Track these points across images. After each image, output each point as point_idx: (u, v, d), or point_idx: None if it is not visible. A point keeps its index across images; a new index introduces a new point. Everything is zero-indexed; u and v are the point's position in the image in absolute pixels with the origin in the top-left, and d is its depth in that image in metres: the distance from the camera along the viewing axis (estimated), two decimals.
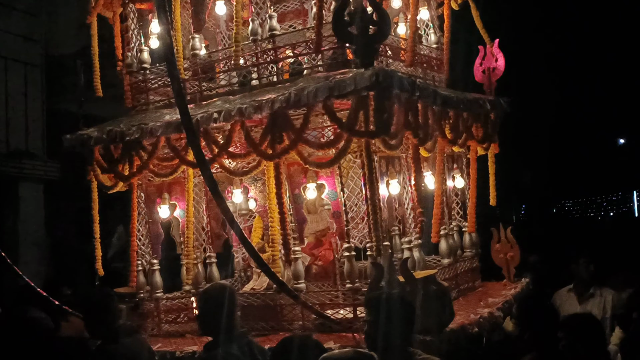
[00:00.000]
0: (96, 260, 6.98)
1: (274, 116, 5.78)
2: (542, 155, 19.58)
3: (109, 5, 7.24)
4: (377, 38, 5.49)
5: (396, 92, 5.47)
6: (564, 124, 19.75)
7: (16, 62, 11.77)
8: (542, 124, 18.98)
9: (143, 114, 6.93)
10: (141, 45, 7.23)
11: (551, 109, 19.27)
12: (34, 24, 12.13)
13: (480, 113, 7.18)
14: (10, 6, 11.73)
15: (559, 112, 19.60)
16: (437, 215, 6.58)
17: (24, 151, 11.54)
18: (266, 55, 6.43)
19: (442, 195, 6.76)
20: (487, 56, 7.86)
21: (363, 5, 5.48)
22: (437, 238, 6.62)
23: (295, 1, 7.52)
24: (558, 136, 19.89)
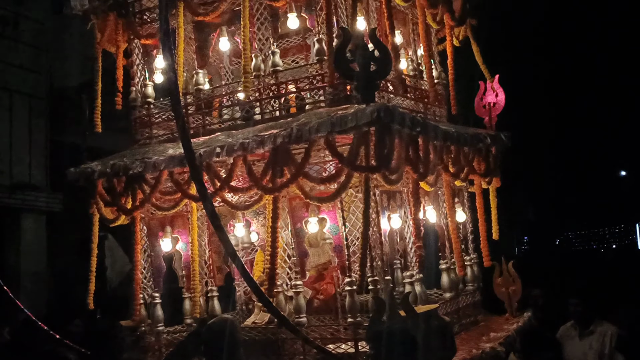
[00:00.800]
0: (89, 294, 6.99)
1: (276, 151, 5.83)
2: (544, 187, 19.61)
3: (114, 41, 7.33)
4: (378, 74, 5.55)
5: (397, 128, 5.51)
6: (566, 156, 19.81)
7: (21, 94, 11.90)
8: (544, 157, 19.05)
9: (146, 148, 6.98)
10: (145, 80, 7.32)
11: (553, 142, 19.35)
12: (40, 57, 12.29)
13: (482, 147, 7.23)
14: (16, 39, 11.89)
15: (561, 145, 19.68)
16: (457, 248, 6.84)
17: (27, 183, 11.61)
18: (269, 91, 6.50)
19: (456, 230, 6.84)
20: (487, 91, 7.94)
21: (364, 42, 5.56)
22: (463, 270, 6.79)
23: (297, 37, 7.62)
24: (560, 169, 19.94)
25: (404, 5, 7.05)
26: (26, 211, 11.44)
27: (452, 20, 7.46)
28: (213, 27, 7.15)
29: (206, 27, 7.15)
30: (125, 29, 7.25)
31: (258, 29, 6.64)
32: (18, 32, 11.95)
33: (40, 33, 12.33)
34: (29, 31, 12.15)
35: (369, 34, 5.70)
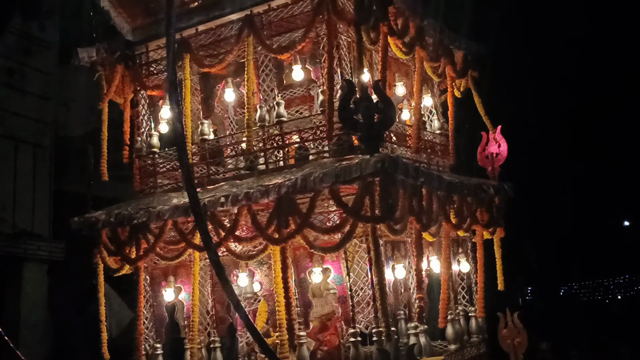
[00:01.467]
0: (102, 344, 6.92)
1: (281, 201, 5.85)
2: (547, 237, 19.55)
3: (121, 92, 7.42)
4: (382, 126, 5.60)
5: (401, 178, 5.54)
6: (570, 206, 19.79)
7: (26, 143, 11.96)
8: (547, 207, 19.04)
9: (151, 197, 7.01)
10: (151, 130, 7.38)
11: (556, 192, 19.37)
12: (46, 107, 12.39)
13: (485, 198, 7.24)
14: (23, 89, 12.02)
15: (564, 195, 19.69)
16: (444, 300, 6.57)
17: (30, 232, 11.59)
18: (273, 141, 6.56)
19: (448, 280, 6.76)
20: (489, 142, 7.99)
21: (368, 94, 5.62)
22: (444, 323, 6.59)
23: (301, 88, 7.72)
24: (564, 219, 19.90)
25: (406, 58, 7.14)
26: (28, 260, 11.38)
27: (453, 72, 7.57)
28: (219, 79, 7.25)
29: (212, 78, 7.26)
30: (132, 81, 7.35)
31: (263, 80, 6.74)
32: (25, 83, 12.08)
33: (46, 83, 12.46)
34: (36, 82, 12.28)
35: (373, 85, 5.78)
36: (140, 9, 7.12)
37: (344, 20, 6.13)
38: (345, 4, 6.37)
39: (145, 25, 7.22)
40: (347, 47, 6.42)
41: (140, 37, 7.28)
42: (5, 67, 11.87)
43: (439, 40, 7.28)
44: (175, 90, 5.39)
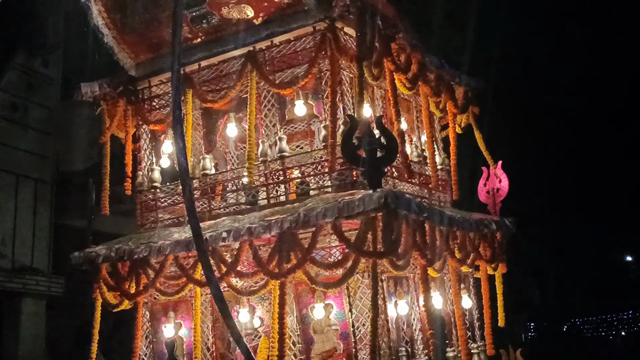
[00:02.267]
0: None
1: (283, 236, 5.83)
2: (550, 273, 19.48)
3: (123, 126, 7.45)
4: (385, 161, 5.61)
5: (404, 213, 5.53)
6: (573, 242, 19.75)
7: (27, 178, 11.98)
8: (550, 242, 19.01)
9: (152, 232, 6.98)
10: (152, 164, 7.38)
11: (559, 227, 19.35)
12: (47, 142, 12.45)
13: (487, 233, 7.23)
14: (25, 124, 12.08)
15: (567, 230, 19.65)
16: (463, 336, 6.74)
17: (29, 267, 11.55)
18: (275, 176, 6.56)
19: (462, 317, 6.77)
20: (490, 177, 8.01)
21: (370, 129, 5.64)
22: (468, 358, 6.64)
23: (303, 123, 7.75)
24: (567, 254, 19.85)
25: (408, 94, 7.18)
26: (27, 295, 11.32)
27: (454, 108, 7.60)
28: (221, 114, 7.28)
29: (214, 113, 7.29)
30: (134, 115, 7.38)
31: (265, 115, 6.76)
32: (27, 117, 12.16)
33: (49, 118, 12.54)
34: (38, 116, 12.36)
35: (375, 121, 5.80)
36: (144, 45, 7.16)
37: (346, 56, 6.17)
38: (348, 40, 6.42)
39: (148, 60, 7.27)
40: (350, 82, 6.46)
41: (143, 72, 7.32)
42: (9, 102, 11.95)
43: (440, 76, 7.33)
44: (179, 125, 5.41)
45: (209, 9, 6.61)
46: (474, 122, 8.04)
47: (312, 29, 6.36)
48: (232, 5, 6.49)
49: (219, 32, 6.75)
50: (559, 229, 19.31)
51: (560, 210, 19.04)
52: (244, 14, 6.52)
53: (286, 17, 6.41)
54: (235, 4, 6.47)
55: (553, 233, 19.17)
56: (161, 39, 6.96)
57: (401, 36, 6.44)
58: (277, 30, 6.47)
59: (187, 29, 6.77)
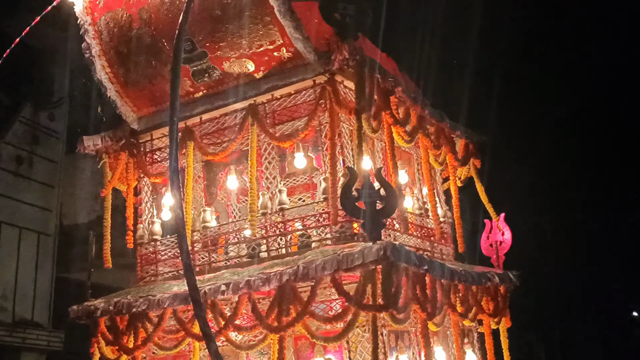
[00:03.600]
0: None
1: (282, 289, 5.77)
2: (554, 328, 19.21)
3: (124, 179, 7.47)
4: (385, 213, 5.59)
5: (404, 266, 5.48)
6: (576, 296, 19.53)
7: (30, 231, 12.00)
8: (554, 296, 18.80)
9: (152, 285, 6.93)
10: (153, 217, 7.38)
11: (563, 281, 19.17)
12: (51, 195, 12.51)
13: (490, 287, 7.15)
14: (30, 177, 12.16)
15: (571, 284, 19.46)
16: None
17: (29, 320, 11.47)
18: (275, 228, 6.54)
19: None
20: (493, 230, 7.96)
21: (370, 181, 5.64)
22: None
23: (304, 175, 7.76)
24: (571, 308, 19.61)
25: (408, 146, 7.21)
26: (26, 350, 11.22)
27: (455, 160, 7.62)
28: (222, 166, 7.31)
29: (215, 166, 7.31)
30: (135, 168, 7.41)
31: (266, 167, 6.78)
32: (32, 171, 12.25)
33: (53, 172, 12.63)
34: (43, 170, 12.46)
35: (375, 173, 5.80)
36: (146, 98, 7.24)
37: (346, 109, 6.21)
38: (347, 93, 6.48)
39: (150, 114, 7.33)
40: (349, 135, 6.49)
41: (145, 126, 7.38)
42: (14, 156, 12.07)
43: (440, 128, 7.37)
44: (176, 177, 5.42)
45: (211, 64, 6.69)
46: (475, 175, 8.04)
47: (312, 82, 6.42)
48: (234, 59, 6.57)
49: (220, 86, 6.81)
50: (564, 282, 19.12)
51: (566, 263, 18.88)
52: (245, 68, 6.60)
53: (286, 71, 6.48)
54: (237, 58, 6.56)
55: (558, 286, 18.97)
56: (163, 92, 7.03)
57: (400, 89, 6.49)
58: (278, 83, 6.53)
59: (188, 82, 6.85)
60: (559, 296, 19.07)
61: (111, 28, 7.02)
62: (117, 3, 6.94)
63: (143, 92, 7.19)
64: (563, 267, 18.93)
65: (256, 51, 6.45)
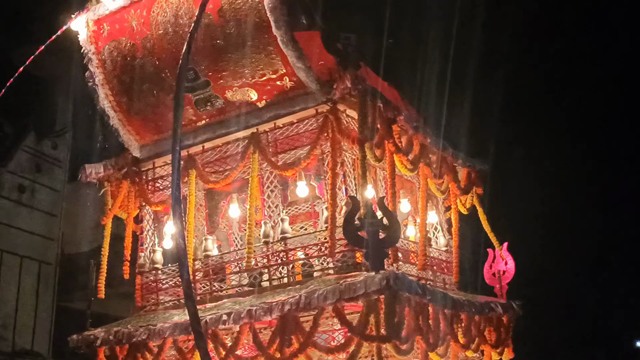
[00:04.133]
0: None
1: (284, 319, 5.72)
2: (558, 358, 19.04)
3: (125, 207, 7.45)
4: (387, 242, 5.57)
5: (407, 296, 5.44)
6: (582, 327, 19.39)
7: (31, 260, 11.97)
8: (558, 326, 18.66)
9: (152, 314, 6.88)
10: (154, 245, 7.35)
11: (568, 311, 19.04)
12: (53, 224, 12.50)
13: (493, 317, 7.08)
14: (32, 206, 12.16)
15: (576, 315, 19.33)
16: None
17: (29, 350, 11.39)
18: (277, 257, 6.50)
19: None
20: (496, 259, 7.91)
21: (373, 210, 5.62)
22: None
23: (306, 204, 7.73)
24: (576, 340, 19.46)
25: (411, 175, 7.20)
26: None
27: (457, 189, 7.60)
28: (224, 195, 7.30)
29: (217, 194, 7.30)
30: (137, 196, 7.39)
31: (268, 196, 6.77)
32: (34, 199, 12.26)
33: (55, 200, 12.63)
34: (45, 198, 12.47)
35: (378, 202, 5.79)
36: (149, 127, 7.25)
37: (348, 138, 6.21)
38: (350, 122, 6.48)
39: (152, 142, 7.33)
40: (352, 163, 6.48)
41: (148, 154, 7.37)
42: (16, 184, 12.08)
43: (443, 157, 7.36)
44: (179, 206, 5.41)
45: (213, 92, 6.71)
46: (477, 204, 8.01)
47: (314, 111, 6.42)
48: (236, 88, 6.59)
49: (223, 115, 6.82)
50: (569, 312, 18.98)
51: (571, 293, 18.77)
52: (248, 96, 6.61)
53: (289, 100, 6.48)
54: (239, 87, 6.58)
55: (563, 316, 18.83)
56: (166, 121, 7.04)
57: (402, 118, 6.49)
58: (280, 112, 6.53)
59: (191, 111, 6.86)
60: (562, 327, 18.93)
61: (115, 57, 7.06)
62: (121, 32, 6.99)
63: (146, 120, 7.21)
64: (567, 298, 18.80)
65: (259, 80, 6.47)
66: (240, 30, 6.33)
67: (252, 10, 6.23)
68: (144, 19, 6.82)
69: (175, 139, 3.72)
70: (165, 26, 6.70)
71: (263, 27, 6.20)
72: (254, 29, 6.25)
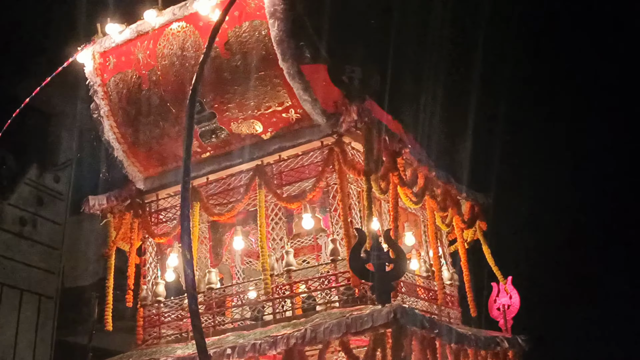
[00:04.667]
0: None
1: (289, 353, 5.64)
2: None
3: (128, 239, 7.41)
4: (394, 275, 5.53)
5: (414, 330, 5.38)
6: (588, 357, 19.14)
7: (31, 293, 11.87)
8: None
9: (154, 348, 6.80)
10: (157, 278, 7.29)
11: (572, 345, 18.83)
12: (54, 257, 12.43)
13: (499, 352, 7.00)
14: (33, 239, 12.11)
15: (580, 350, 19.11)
16: None
17: None
18: (281, 290, 6.45)
19: None
20: (500, 293, 7.85)
21: (379, 243, 5.59)
22: None
23: (310, 237, 7.70)
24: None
25: (415, 208, 7.18)
26: None
27: (462, 222, 7.58)
28: (227, 227, 7.27)
29: (220, 227, 7.28)
30: (140, 228, 7.35)
31: (272, 228, 6.74)
32: (36, 232, 12.21)
33: (57, 233, 12.58)
34: (47, 231, 12.42)
35: (384, 235, 5.76)
36: (153, 159, 7.25)
37: (354, 170, 6.21)
38: (355, 155, 6.49)
39: (156, 174, 7.32)
40: (357, 196, 6.47)
41: (151, 186, 7.36)
42: (18, 217, 12.04)
43: (447, 190, 7.35)
44: (187, 236, 5.37)
45: (219, 124, 6.72)
46: (482, 237, 7.97)
47: (320, 144, 6.43)
48: (242, 120, 6.60)
49: (228, 147, 6.83)
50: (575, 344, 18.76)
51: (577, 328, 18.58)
52: (253, 129, 6.62)
53: (294, 132, 6.49)
54: (245, 119, 6.59)
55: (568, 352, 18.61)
56: (170, 153, 7.05)
57: (407, 151, 6.50)
58: (286, 144, 6.54)
59: (196, 143, 6.86)
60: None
61: (120, 89, 7.10)
62: (127, 64, 7.03)
63: (150, 152, 7.21)
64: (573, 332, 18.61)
65: (264, 112, 6.49)
66: (247, 63, 6.37)
67: (259, 44, 6.27)
68: (150, 51, 6.87)
69: (185, 169, 3.70)
70: (172, 58, 6.74)
71: (269, 59, 6.24)
72: (260, 62, 6.28)
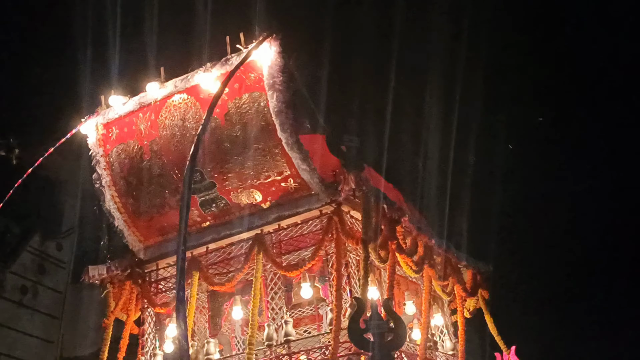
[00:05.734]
0: None
1: None
2: None
3: (127, 309, 7.35)
4: (394, 345, 5.46)
5: None
6: None
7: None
8: None
9: None
10: (155, 348, 7.20)
11: None
12: (53, 326, 12.30)
13: None
14: (33, 308, 12.02)
15: None
16: None
17: None
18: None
19: None
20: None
21: (379, 313, 5.55)
22: None
23: (310, 306, 7.64)
24: None
25: (416, 276, 7.14)
26: None
27: (463, 291, 7.52)
28: (227, 296, 7.22)
29: (220, 296, 7.22)
30: (140, 298, 7.31)
31: (272, 298, 6.70)
32: (36, 301, 12.14)
33: (57, 302, 12.50)
34: (47, 300, 12.34)
35: (383, 304, 5.72)
36: (153, 228, 7.27)
37: (353, 239, 6.22)
38: (354, 223, 6.51)
39: (156, 243, 7.33)
40: (356, 265, 6.45)
41: (151, 255, 7.36)
42: (19, 285, 11.99)
43: (447, 258, 7.33)
44: (182, 306, 5.34)
45: (219, 194, 6.77)
46: (484, 306, 7.90)
47: (318, 212, 6.46)
48: (241, 190, 6.66)
49: (227, 216, 6.86)
50: None
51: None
52: (252, 198, 6.67)
53: (293, 201, 6.54)
54: (244, 188, 6.65)
55: None
56: (171, 222, 7.07)
57: (406, 219, 6.52)
58: (285, 213, 6.58)
59: (196, 212, 6.90)
60: None
61: (122, 159, 7.18)
62: (129, 135, 7.13)
63: (151, 221, 7.24)
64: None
65: (264, 182, 6.55)
66: (246, 134, 6.47)
67: (258, 114, 6.39)
68: (151, 122, 6.98)
69: (180, 239, 3.72)
70: (173, 129, 6.85)
71: (269, 130, 6.34)
72: (259, 132, 6.39)
